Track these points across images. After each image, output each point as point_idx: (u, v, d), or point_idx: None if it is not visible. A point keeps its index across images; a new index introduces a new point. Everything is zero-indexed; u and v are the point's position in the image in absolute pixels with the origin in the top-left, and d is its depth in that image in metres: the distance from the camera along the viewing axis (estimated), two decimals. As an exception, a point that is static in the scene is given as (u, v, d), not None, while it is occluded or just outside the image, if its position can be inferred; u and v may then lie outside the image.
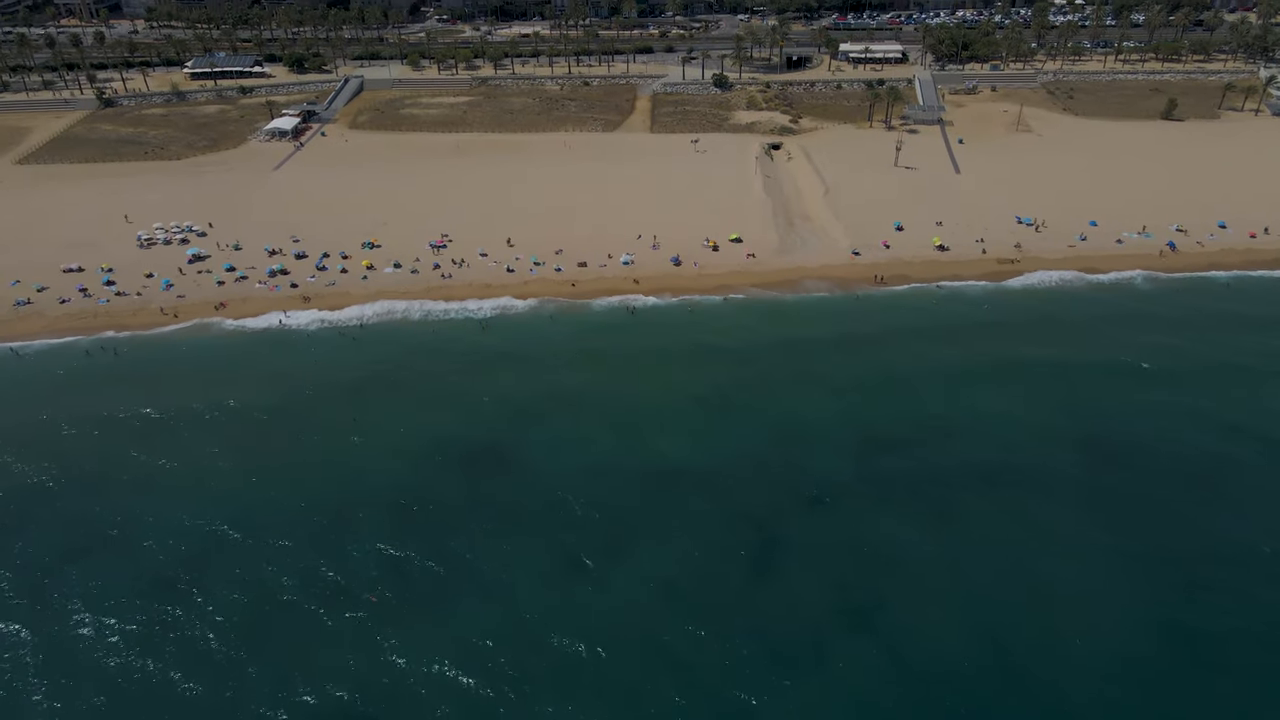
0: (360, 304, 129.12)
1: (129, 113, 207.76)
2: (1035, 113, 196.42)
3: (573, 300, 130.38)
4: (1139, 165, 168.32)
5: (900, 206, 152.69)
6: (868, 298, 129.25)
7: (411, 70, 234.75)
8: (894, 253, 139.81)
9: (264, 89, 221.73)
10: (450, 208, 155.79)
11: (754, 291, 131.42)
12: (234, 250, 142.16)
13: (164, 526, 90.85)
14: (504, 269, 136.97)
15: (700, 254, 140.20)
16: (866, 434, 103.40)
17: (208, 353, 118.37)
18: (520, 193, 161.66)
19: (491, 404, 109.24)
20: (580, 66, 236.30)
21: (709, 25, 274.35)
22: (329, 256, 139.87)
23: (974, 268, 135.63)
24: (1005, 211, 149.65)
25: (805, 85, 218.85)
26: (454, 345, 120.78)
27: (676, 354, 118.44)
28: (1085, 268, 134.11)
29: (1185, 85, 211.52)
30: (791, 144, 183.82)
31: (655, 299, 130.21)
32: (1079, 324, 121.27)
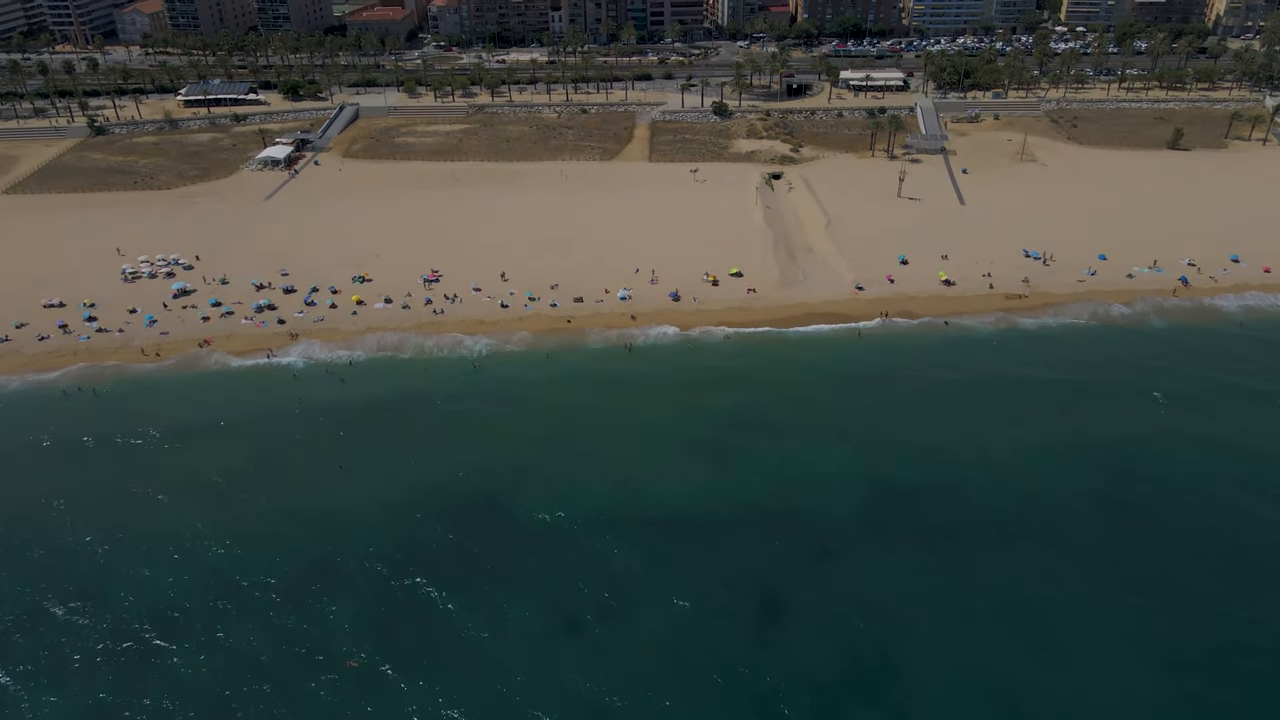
0: (349, 341, 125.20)
1: (120, 141, 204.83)
2: (1039, 142, 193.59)
3: (568, 337, 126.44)
4: (1147, 196, 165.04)
5: (904, 239, 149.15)
6: (873, 335, 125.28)
7: (408, 97, 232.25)
8: (899, 287, 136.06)
9: (258, 116, 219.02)
10: (444, 239, 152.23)
11: (755, 328, 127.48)
12: (220, 284, 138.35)
13: (134, 584, 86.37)
14: (498, 304, 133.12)
15: (699, 288, 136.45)
16: (873, 480, 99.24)
17: (189, 394, 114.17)
18: (516, 224, 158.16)
19: (483, 448, 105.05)
20: (578, 94, 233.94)
21: (708, 52, 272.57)
22: (318, 291, 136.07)
23: (981, 303, 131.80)
24: (1012, 244, 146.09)
25: (806, 113, 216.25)
26: (445, 385, 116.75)
27: (675, 394, 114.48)
28: (1097, 304, 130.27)
29: (1190, 114, 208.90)
30: (792, 174, 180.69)
31: (653, 336, 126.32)
32: (1092, 364, 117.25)
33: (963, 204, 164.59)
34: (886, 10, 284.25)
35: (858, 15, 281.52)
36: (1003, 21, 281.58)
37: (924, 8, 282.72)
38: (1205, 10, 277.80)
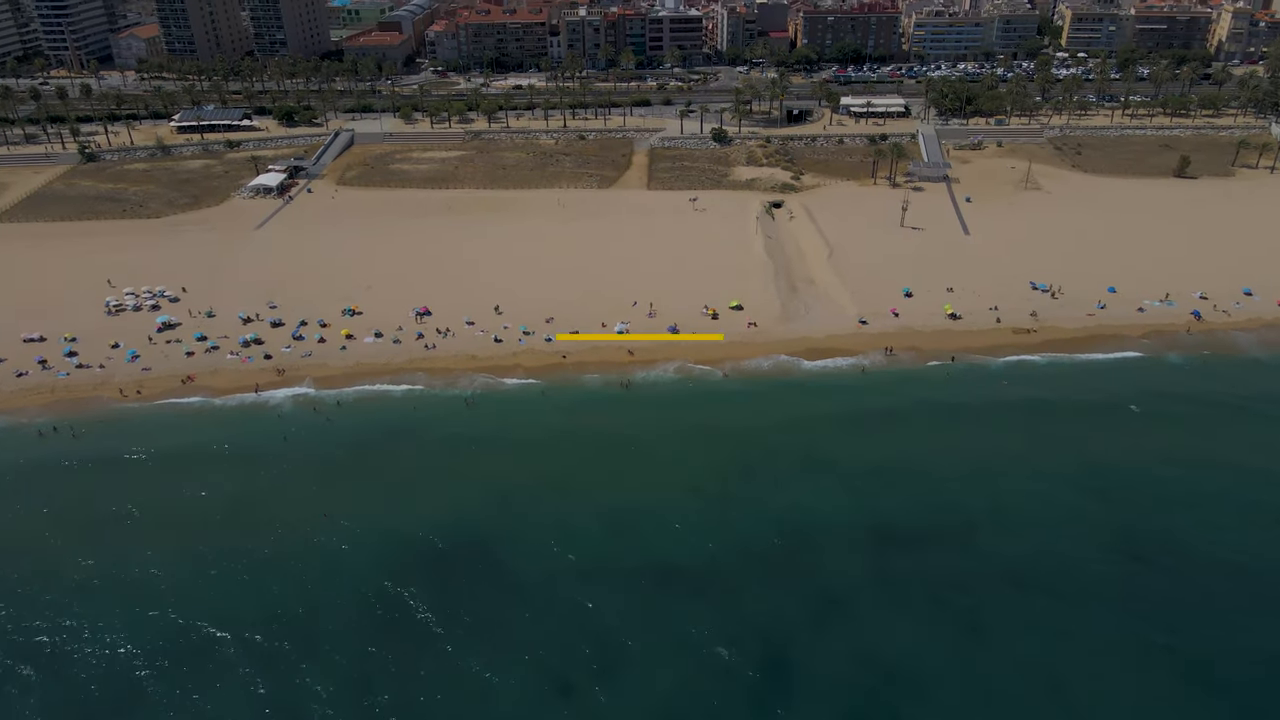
0: (337, 378, 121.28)
1: (111, 168, 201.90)
2: (1043, 169, 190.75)
3: (564, 374, 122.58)
4: (1155, 226, 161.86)
5: (908, 270, 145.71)
6: (877, 371, 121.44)
7: (404, 123, 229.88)
8: (903, 321, 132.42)
9: (252, 143, 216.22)
10: (437, 270, 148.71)
11: (756, 364, 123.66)
12: (206, 318, 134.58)
13: (100, 643, 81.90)
14: (491, 339, 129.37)
15: (699, 322, 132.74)
16: (880, 528, 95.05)
17: (168, 435, 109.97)
18: (511, 254, 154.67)
19: (474, 493, 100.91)
20: (576, 120, 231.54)
21: (707, 78, 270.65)
22: (306, 324, 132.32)
23: (989, 338, 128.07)
24: (1019, 276, 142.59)
25: (806, 140, 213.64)
26: (436, 425, 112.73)
27: (674, 434, 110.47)
28: (1108, 339, 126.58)
29: (1196, 141, 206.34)
30: (793, 202, 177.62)
31: (651, 372, 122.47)
32: (1107, 403, 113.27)
33: (967, 234, 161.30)
34: (886, 36, 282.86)
35: (857, 41, 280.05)
36: (1003, 47, 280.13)
37: (924, 33, 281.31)
38: (1207, 36, 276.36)
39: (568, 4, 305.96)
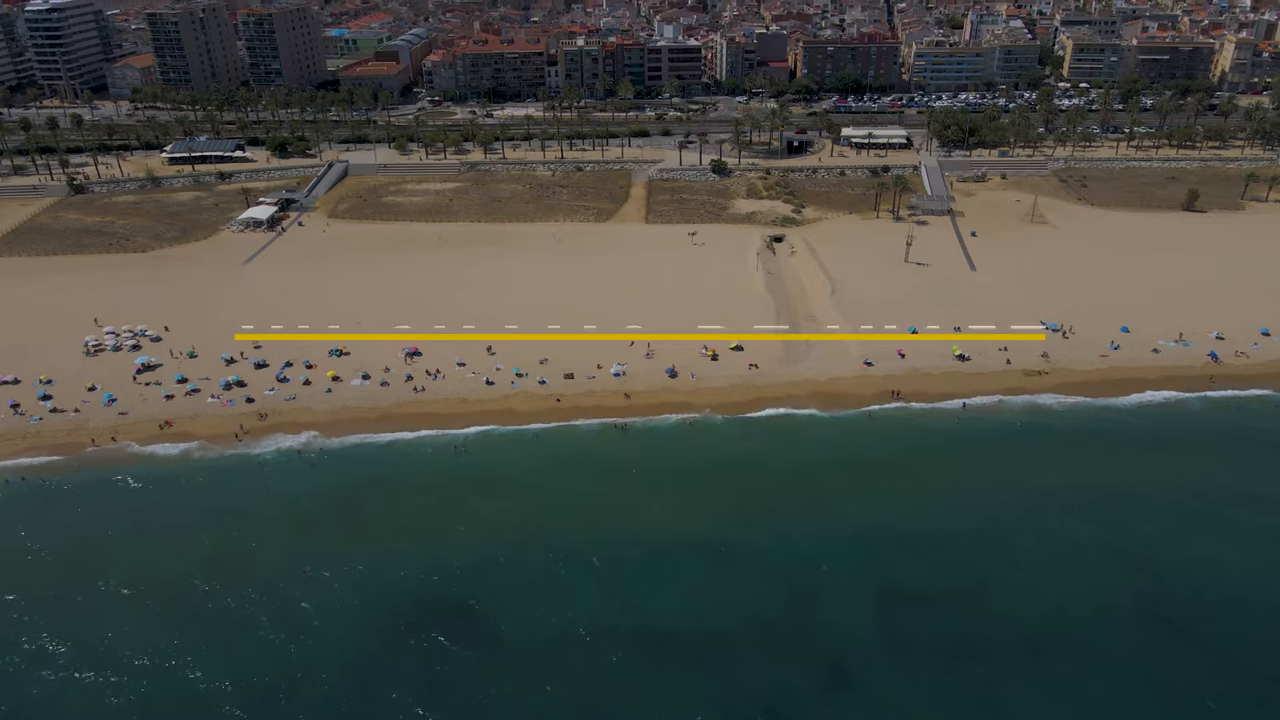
0: (322, 423, 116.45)
1: (99, 200, 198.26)
2: (1049, 202, 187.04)
3: (558, 419, 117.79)
4: (1165, 261, 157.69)
5: (914, 308, 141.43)
6: (884, 417, 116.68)
7: (398, 154, 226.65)
8: (910, 363, 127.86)
9: (244, 174, 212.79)
10: (428, 308, 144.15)
11: (757, 408, 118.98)
12: (188, 358, 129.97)
13: (66, 714, 76.55)
14: (483, 381, 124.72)
15: (698, 364, 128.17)
16: (889, 587, 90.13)
17: (143, 485, 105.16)
18: (505, 291, 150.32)
19: (462, 548, 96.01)
20: (573, 150, 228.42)
21: (707, 108, 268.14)
22: (291, 365, 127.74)
23: (999, 381, 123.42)
24: (1028, 314, 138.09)
25: (807, 171, 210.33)
26: (424, 473, 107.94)
27: (672, 484, 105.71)
28: (1124, 382, 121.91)
29: (1203, 173, 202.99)
30: (794, 236, 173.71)
31: (649, 417, 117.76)
32: (1127, 453, 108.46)
33: (973, 269, 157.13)
34: (886, 66, 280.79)
35: (857, 71, 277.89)
36: (1004, 77, 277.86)
37: (924, 64, 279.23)
38: (1210, 66, 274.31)
39: (566, 34, 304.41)
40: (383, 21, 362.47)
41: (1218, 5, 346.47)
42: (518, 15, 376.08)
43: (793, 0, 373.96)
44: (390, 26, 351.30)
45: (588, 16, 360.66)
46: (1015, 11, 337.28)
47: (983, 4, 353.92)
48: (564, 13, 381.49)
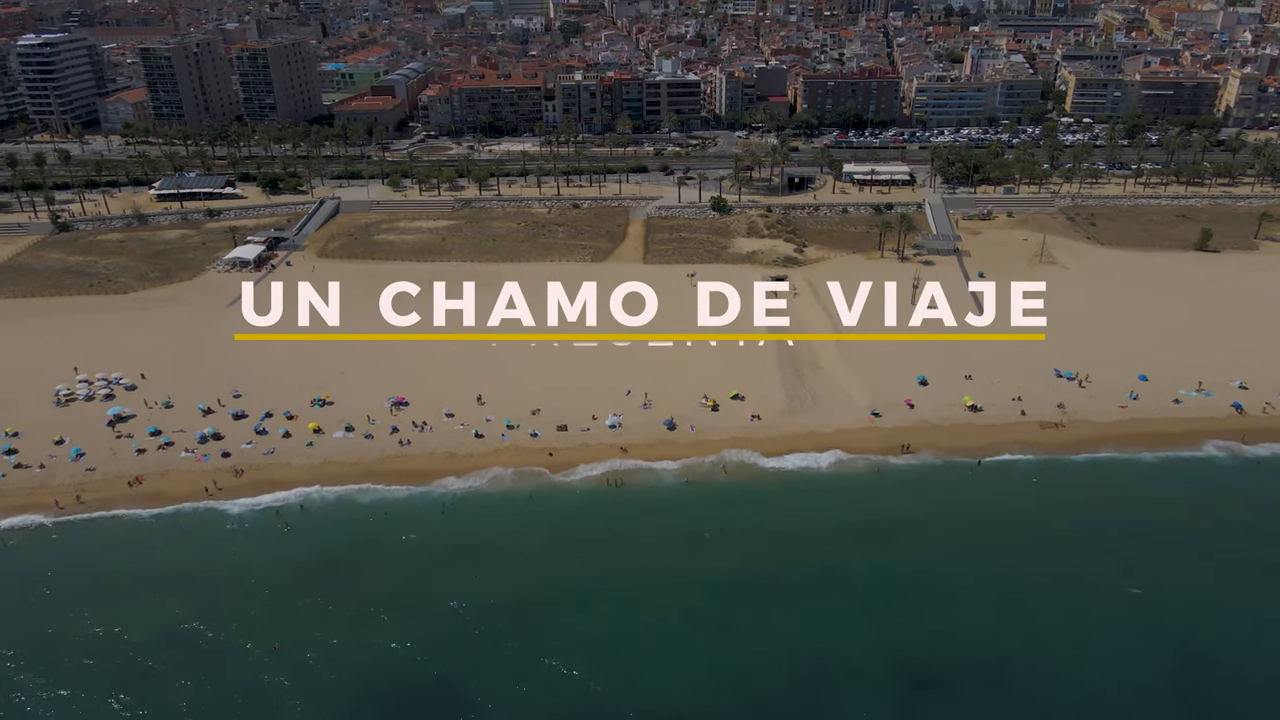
0: (301, 479, 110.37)
1: (84, 238, 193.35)
2: (1057, 241, 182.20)
3: (550, 474, 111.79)
4: (1180, 304, 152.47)
5: (922, 355, 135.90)
6: (894, 472, 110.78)
7: (392, 191, 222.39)
8: (919, 414, 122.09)
9: (233, 212, 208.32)
10: (417, 354, 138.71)
11: (760, 463, 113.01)
12: (164, 408, 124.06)
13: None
14: (472, 434, 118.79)
15: (697, 415, 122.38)
16: (903, 664, 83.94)
17: (105, 549, 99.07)
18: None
19: (446, 622, 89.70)
20: (570, 187, 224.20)
21: (706, 143, 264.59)
22: (271, 417, 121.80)
23: (1014, 434, 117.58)
24: (1041, 362, 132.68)
25: (809, 209, 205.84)
26: (409, 536, 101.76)
27: (670, 548, 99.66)
28: (1145, 435, 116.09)
29: (1214, 211, 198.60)
30: (796, 277, 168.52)
31: (646, 473, 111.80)
32: (1155, 515, 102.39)
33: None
34: (887, 101, 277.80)
35: (858, 106, 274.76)
36: (1006, 112, 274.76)
37: (926, 98, 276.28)
38: (1215, 101, 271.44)
39: (563, 68, 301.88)
40: (380, 55, 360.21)
41: (1218, 40, 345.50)
42: (515, 49, 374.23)
43: (792, 35, 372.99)
44: (387, 60, 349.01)
45: (586, 50, 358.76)
46: (1015, 46, 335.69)
47: (982, 39, 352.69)
48: (562, 46, 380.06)
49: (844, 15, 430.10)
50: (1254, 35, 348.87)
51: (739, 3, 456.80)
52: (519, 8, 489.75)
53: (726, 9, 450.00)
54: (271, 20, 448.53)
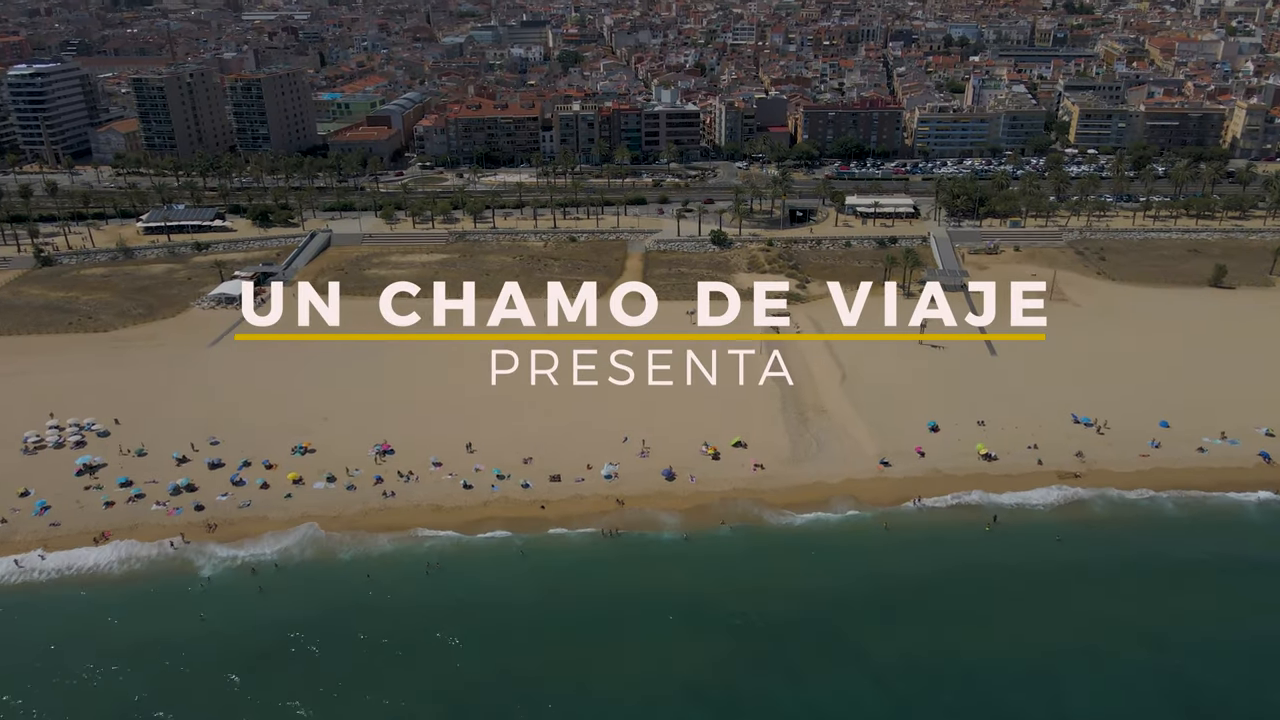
0: (278, 534, 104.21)
1: (67, 273, 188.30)
2: (1067, 277, 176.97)
3: (542, 528, 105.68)
4: (1198, 344, 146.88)
5: (932, 398, 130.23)
6: (904, 529, 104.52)
7: (385, 223, 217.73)
8: (931, 462, 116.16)
9: (222, 245, 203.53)
10: (405, 397, 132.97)
11: (763, 515, 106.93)
12: (136, 456, 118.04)
13: None
14: (460, 484, 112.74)
15: (697, 463, 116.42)
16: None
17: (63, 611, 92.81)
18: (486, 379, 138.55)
19: (425, 695, 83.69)
20: (567, 219, 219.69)
21: (705, 174, 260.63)
22: (249, 466, 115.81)
23: (1030, 485, 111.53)
24: (1056, 406, 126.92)
25: (811, 243, 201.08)
26: (390, 597, 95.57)
27: (669, 612, 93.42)
28: (1170, 487, 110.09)
29: (1226, 246, 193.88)
30: (800, 314, 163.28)
31: (644, 528, 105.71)
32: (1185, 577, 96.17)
33: (993, 354, 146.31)
34: (889, 131, 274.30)
35: (860, 136, 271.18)
36: (1010, 143, 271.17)
37: (928, 129, 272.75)
38: (1221, 133, 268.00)
39: (561, 98, 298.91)
40: (378, 85, 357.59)
41: (1220, 70, 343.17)
42: (514, 79, 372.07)
43: (791, 64, 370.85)
44: (385, 90, 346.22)
45: (585, 80, 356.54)
46: (1016, 76, 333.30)
47: (982, 69, 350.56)
48: (561, 76, 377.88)
49: (843, 45, 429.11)
50: (1256, 65, 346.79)
51: (738, 32, 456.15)
52: (518, 37, 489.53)
53: (725, 39, 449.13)
54: (269, 50, 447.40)
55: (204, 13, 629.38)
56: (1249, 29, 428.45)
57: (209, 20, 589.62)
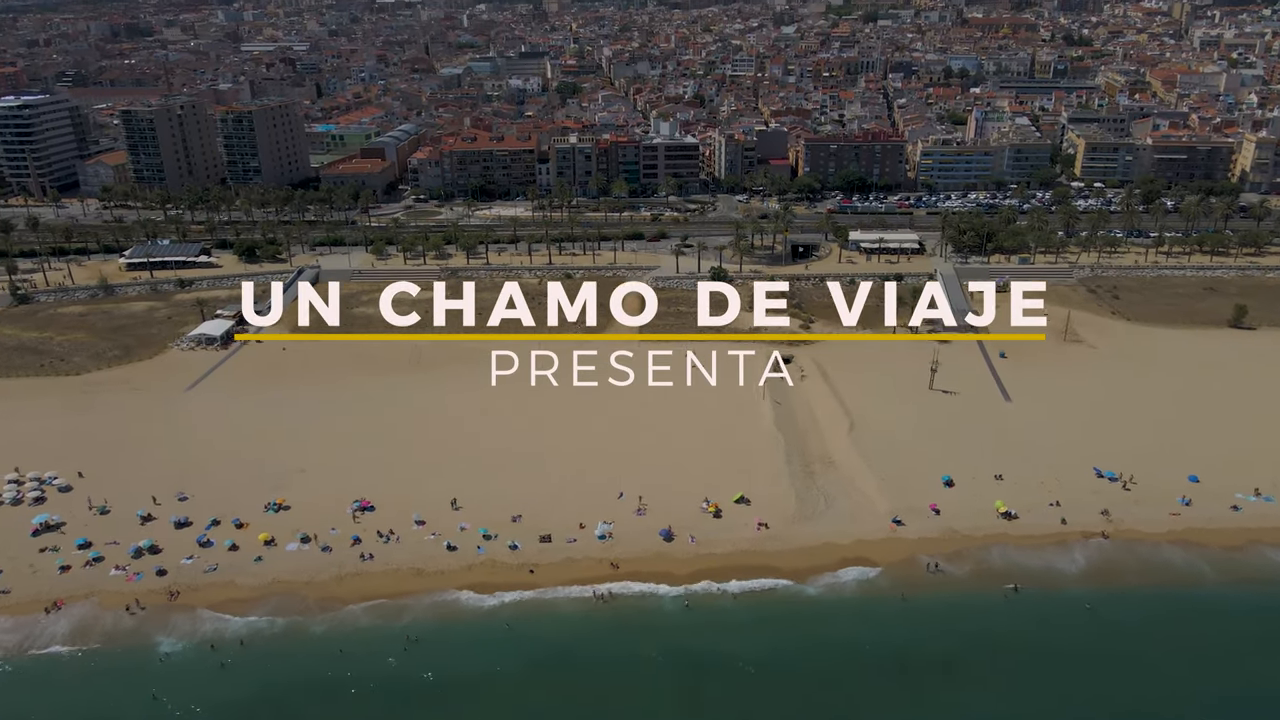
0: (245, 602, 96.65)
1: (43, 311, 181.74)
2: (1081, 316, 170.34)
3: (531, 595, 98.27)
4: (1222, 390, 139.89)
5: (945, 449, 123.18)
6: (921, 598, 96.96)
7: (376, 259, 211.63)
8: (946, 521, 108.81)
9: (206, 281, 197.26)
10: (388, 447, 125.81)
11: (771, 582, 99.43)
12: (99, 514, 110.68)
13: None
14: (443, 545, 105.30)
15: (698, 522, 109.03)
16: None
17: (4, 690, 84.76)
18: (477, 425, 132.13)
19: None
20: (562, 255, 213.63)
21: (705, 207, 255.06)
22: (218, 525, 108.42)
23: (1054, 545, 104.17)
24: (1077, 458, 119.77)
25: (814, 280, 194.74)
26: (364, 673, 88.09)
27: (668, 691, 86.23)
28: (1204, 548, 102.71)
29: (1243, 283, 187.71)
30: (804, 356, 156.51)
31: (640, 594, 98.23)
32: (1227, 654, 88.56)
33: (1008, 399, 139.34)
34: (892, 164, 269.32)
35: (862, 169, 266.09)
36: (1014, 176, 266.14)
37: (931, 162, 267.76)
38: (1230, 166, 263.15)
39: (558, 130, 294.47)
40: (374, 116, 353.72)
41: (1224, 102, 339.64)
42: (511, 110, 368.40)
43: (791, 96, 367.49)
44: (381, 121, 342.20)
45: (583, 111, 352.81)
46: (1018, 108, 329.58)
47: (983, 100, 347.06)
48: (559, 107, 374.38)
49: (843, 76, 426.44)
50: (1260, 97, 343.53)
51: (737, 64, 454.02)
52: (516, 68, 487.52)
53: (724, 70, 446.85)
54: (265, 81, 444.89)
55: (203, 44, 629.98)
56: (1250, 61, 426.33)
57: (208, 51, 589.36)
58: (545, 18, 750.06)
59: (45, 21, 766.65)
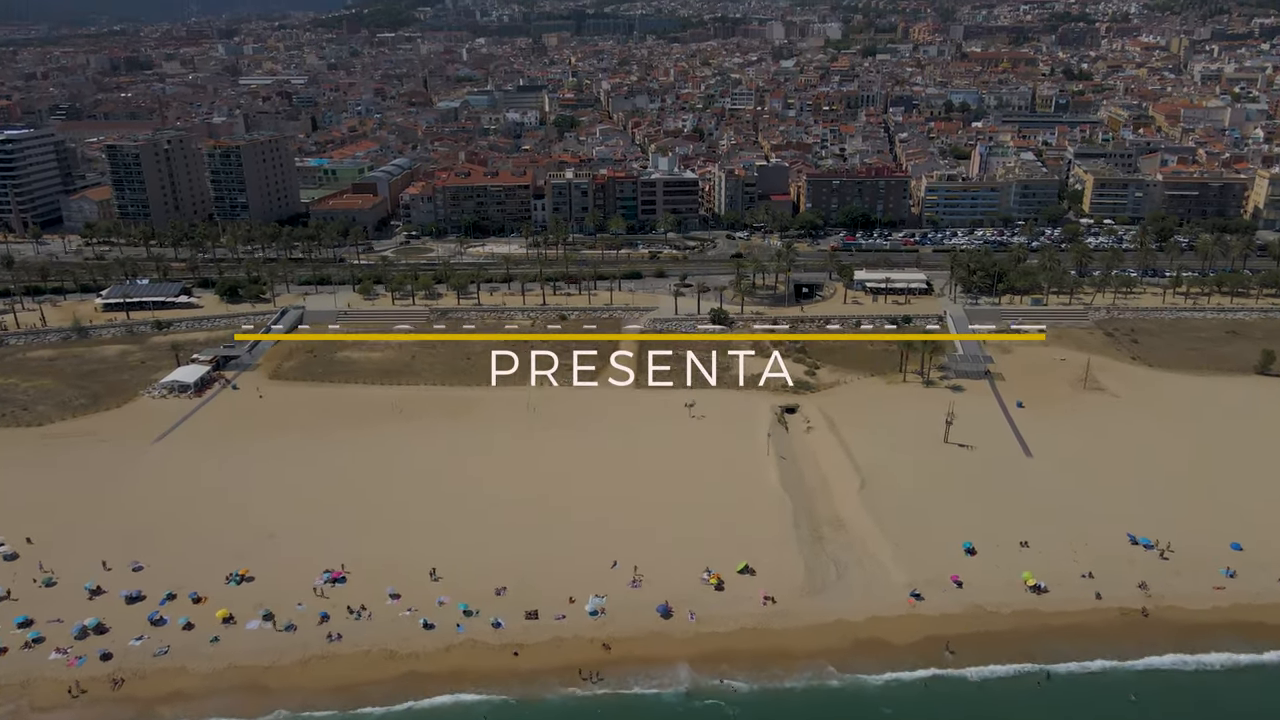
0: (193, 694, 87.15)
1: (11, 356, 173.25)
2: (1100, 362, 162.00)
3: (514, 682, 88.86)
4: (1257, 444, 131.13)
5: (965, 511, 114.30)
6: (945, 690, 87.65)
7: (363, 299, 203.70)
8: (970, 595, 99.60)
9: (185, 323, 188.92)
10: (365, 507, 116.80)
11: (778, 668, 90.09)
12: (44, 587, 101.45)
13: None
14: (419, 622, 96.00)
15: (698, 595, 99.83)
16: None
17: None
18: (458, 484, 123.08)
19: None
20: (556, 295, 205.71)
21: (704, 244, 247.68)
22: (173, 599, 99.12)
23: (1089, 624, 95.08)
24: (1108, 523, 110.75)
25: (819, 322, 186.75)
26: (321, 780, 78.23)
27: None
28: (1255, 627, 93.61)
29: (1266, 327, 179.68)
30: (810, 405, 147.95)
31: (636, 680, 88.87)
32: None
33: (1029, 455, 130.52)
34: (896, 200, 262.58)
35: (865, 205, 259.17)
36: (1022, 213, 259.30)
37: (936, 198, 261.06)
38: (1242, 203, 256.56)
39: (554, 164, 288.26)
40: (368, 150, 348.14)
41: (1230, 137, 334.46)
42: (507, 144, 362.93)
43: (791, 130, 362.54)
44: (374, 156, 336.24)
45: (580, 145, 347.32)
46: (1022, 143, 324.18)
47: (985, 135, 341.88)
48: (556, 141, 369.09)
49: (843, 110, 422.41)
50: (1266, 132, 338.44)
51: (737, 98, 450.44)
52: (514, 102, 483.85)
53: (724, 104, 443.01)
54: (260, 114, 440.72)
55: (201, 77, 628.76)
56: (1252, 95, 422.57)
57: (205, 85, 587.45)
58: (544, 51, 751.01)
59: (45, 55, 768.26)
